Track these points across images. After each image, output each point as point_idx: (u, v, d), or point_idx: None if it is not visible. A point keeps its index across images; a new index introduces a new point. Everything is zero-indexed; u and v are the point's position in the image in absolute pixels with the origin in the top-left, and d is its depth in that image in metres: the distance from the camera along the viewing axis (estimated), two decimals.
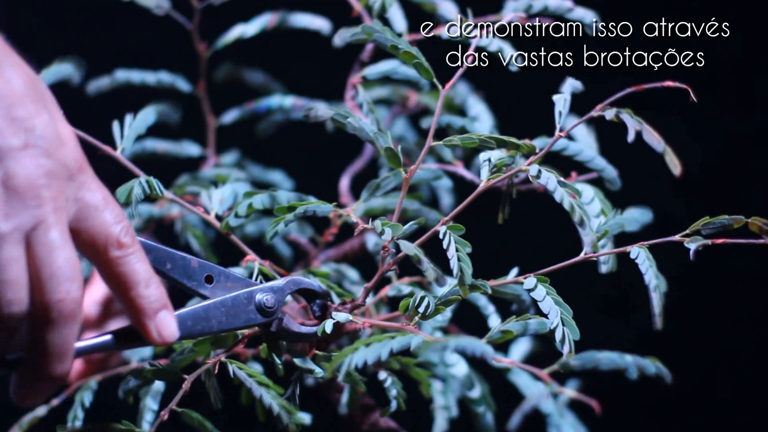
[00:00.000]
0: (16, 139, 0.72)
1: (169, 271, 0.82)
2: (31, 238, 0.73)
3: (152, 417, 0.94)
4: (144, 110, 0.98)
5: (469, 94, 1.09)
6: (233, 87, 1.19)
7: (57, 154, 0.74)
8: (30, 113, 0.73)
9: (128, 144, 0.93)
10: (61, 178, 0.74)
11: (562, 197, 0.81)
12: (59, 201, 0.73)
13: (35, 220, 0.72)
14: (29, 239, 0.73)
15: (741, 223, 0.81)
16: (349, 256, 1.04)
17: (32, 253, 0.73)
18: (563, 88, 0.85)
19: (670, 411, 1.45)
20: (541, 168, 0.83)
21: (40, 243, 0.73)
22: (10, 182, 0.72)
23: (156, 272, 0.79)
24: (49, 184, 0.73)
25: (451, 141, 0.86)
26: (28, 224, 0.72)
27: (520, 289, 0.86)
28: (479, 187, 0.85)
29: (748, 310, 1.45)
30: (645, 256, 0.82)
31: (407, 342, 0.78)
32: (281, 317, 0.84)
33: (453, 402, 1.00)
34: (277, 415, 0.83)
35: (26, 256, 0.73)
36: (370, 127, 0.86)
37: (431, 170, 0.97)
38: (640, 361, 0.76)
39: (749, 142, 1.42)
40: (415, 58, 0.88)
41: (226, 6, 1.08)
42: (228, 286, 0.83)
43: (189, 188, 1.04)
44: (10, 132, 0.73)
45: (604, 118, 0.82)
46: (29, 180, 0.72)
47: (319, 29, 1.09)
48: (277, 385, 0.84)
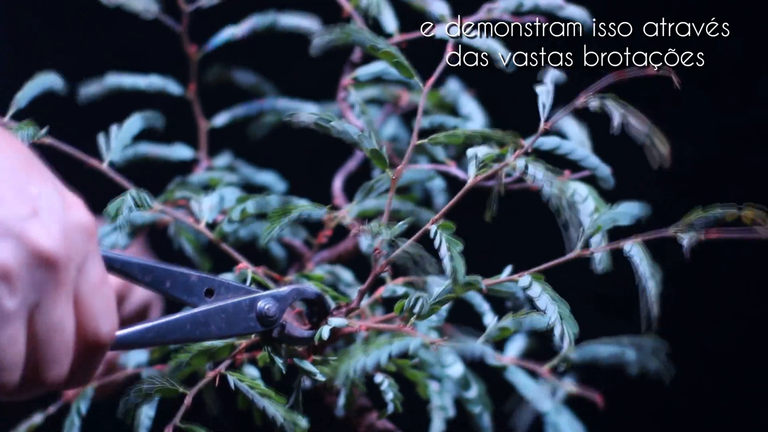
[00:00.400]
0: (23, 207, 0.69)
1: (169, 289, 0.81)
2: (35, 314, 0.70)
3: (149, 425, 0.94)
4: (130, 119, 0.98)
5: (461, 93, 1.09)
6: (224, 89, 1.19)
7: (67, 219, 0.71)
8: (32, 181, 0.70)
9: (116, 155, 0.93)
10: (72, 244, 0.70)
11: (551, 189, 0.81)
12: (68, 272, 0.70)
13: (42, 294, 0.69)
14: (32, 316, 0.70)
15: (734, 216, 0.81)
16: (344, 258, 1.04)
17: (32, 331, 0.70)
18: (545, 79, 0.85)
19: (667, 407, 1.45)
20: (529, 162, 0.83)
21: (42, 322, 0.70)
22: (20, 253, 0.68)
23: (155, 291, 0.78)
24: (59, 252, 0.70)
25: (437, 139, 0.86)
26: (34, 300, 0.69)
27: (515, 286, 0.86)
28: (467, 183, 0.85)
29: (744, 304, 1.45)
30: (638, 251, 0.82)
31: (405, 346, 0.78)
32: (283, 324, 0.84)
33: (450, 402, 1.00)
34: (281, 426, 0.83)
35: (26, 334, 0.70)
36: (354, 130, 0.86)
37: (423, 171, 0.97)
38: (641, 355, 0.76)
39: (749, 142, 1.42)
40: (395, 58, 0.88)
41: (215, 8, 1.08)
42: (229, 297, 0.83)
43: (180, 193, 1.04)
44: (16, 201, 0.69)
45: (589, 109, 0.82)
46: (41, 249, 0.69)
47: (310, 30, 1.08)
48: (279, 395, 0.84)
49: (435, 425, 1.01)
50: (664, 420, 1.47)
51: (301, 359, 0.86)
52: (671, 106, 1.24)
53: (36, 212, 0.69)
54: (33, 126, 0.89)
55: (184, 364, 0.86)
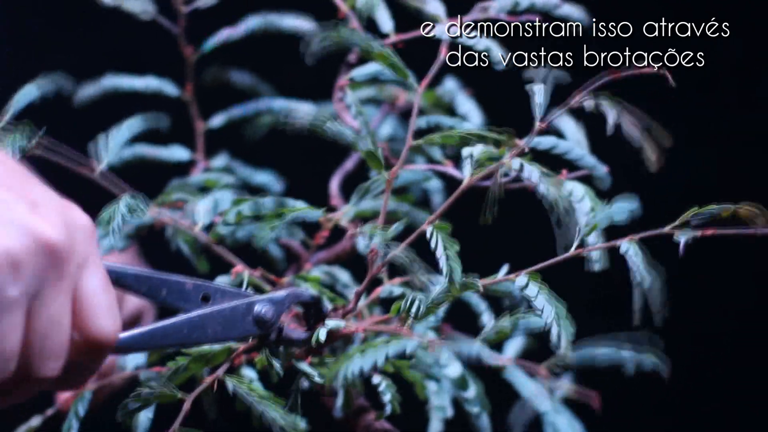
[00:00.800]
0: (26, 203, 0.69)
1: (165, 297, 0.81)
2: (34, 305, 0.69)
3: (147, 426, 0.94)
4: (128, 121, 0.98)
5: (458, 92, 1.09)
6: (221, 90, 1.19)
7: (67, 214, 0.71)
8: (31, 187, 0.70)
9: (113, 156, 0.93)
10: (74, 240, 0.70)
11: (546, 189, 0.81)
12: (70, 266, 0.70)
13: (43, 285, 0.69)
14: (31, 307, 0.69)
15: (730, 212, 0.81)
16: (341, 258, 1.04)
17: (30, 322, 0.69)
18: (537, 78, 0.85)
19: (666, 407, 1.45)
20: (524, 162, 0.83)
21: (40, 314, 0.69)
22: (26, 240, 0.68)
23: (151, 301, 0.78)
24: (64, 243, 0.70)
25: (432, 139, 0.86)
26: (35, 290, 0.69)
27: (512, 286, 0.86)
28: (463, 183, 0.85)
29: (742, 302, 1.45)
30: (634, 250, 0.82)
31: (402, 347, 0.78)
32: (281, 327, 0.84)
33: (448, 402, 1.00)
34: (280, 429, 0.83)
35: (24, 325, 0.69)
36: (350, 131, 0.86)
37: (420, 172, 0.97)
38: (637, 355, 0.76)
39: (749, 142, 1.42)
40: (390, 59, 0.88)
41: (212, 9, 1.08)
42: (225, 302, 0.83)
43: (176, 195, 1.04)
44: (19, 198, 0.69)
45: (584, 108, 0.82)
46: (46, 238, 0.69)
47: (306, 31, 1.08)
48: (277, 398, 0.84)
49: (433, 425, 1.01)
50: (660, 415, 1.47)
51: (298, 361, 0.86)
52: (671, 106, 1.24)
53: (39, 207, 0.69)
54: (30, 128, 0.89)
55: (182, 369, 0.86)
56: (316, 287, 0.92)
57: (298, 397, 0.86)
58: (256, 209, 0.91)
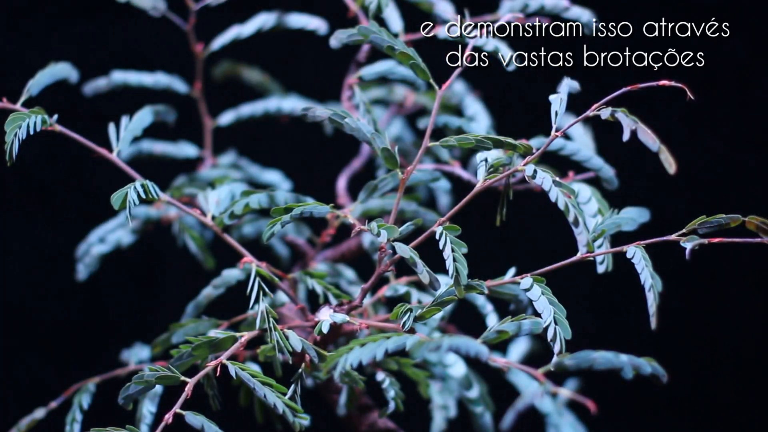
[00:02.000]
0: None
1: None
2: None
3: (151, 420, 0.94)
4: (140, 112, 0.98)
5: (466, 94, 1.09)
6: (230, 88, 1.19)
7: None
8: None
9: (124, 146, 0.93)
10: None
11: (557, 197, 0.81)
12: None
13: None
14: None
15: (738, 222, 0.81)
16: (347, 257, 1.04)
17: None
18: (560, 88, 0.85)
19: (668, 410, 1.45)
20: (537, 168, 0.83)
21: None
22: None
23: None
24: None
25: (448, 142, 0.86)
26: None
27: (518, 288, 0.86)
28: (476, 187, 0.85)
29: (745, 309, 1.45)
30: (641, 255, 0.82)
31: (402, 342, 0.78)
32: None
33: (451, 402, 1.00)
34: (282, 413, 0.83)
35: None
36: (368, 128, 0.86)
37: (428, 171, 0.97)
38: (636, 360, 0.77)
39: (749, 142, 1.42)
40: (412, 59, 0.88)
41: (222, 7, 1.08)
42: None
43: (186, 190, 1.04)
44: None
45: (600, 117, 0.82)
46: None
47: (316, 29, 1.08)
48: (279, 385, 0.84)
49: (436, 424, 1.01)
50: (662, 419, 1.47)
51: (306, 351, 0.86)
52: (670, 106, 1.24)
53: None
54: (43, 113, 0.89)
55: (186, 355, 0.86)
56: (321, 283, 0.92)
57: (299, 385, 0.86)
58: (266, 202, 0.91)
